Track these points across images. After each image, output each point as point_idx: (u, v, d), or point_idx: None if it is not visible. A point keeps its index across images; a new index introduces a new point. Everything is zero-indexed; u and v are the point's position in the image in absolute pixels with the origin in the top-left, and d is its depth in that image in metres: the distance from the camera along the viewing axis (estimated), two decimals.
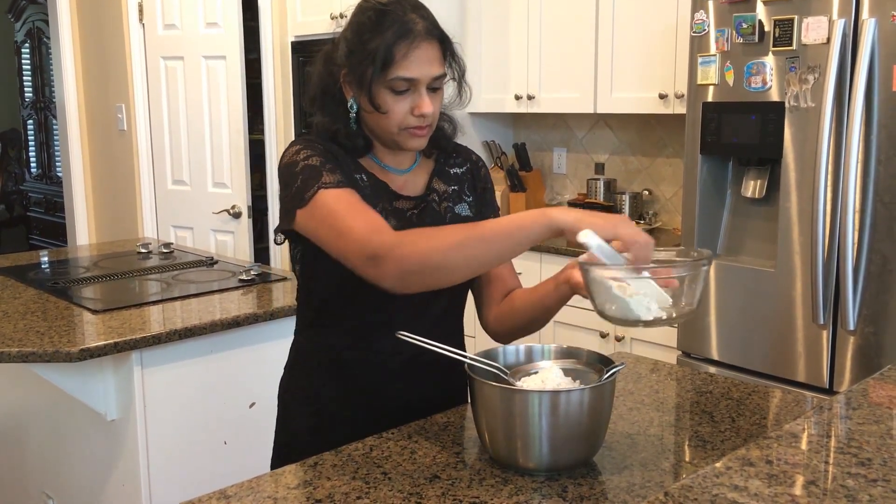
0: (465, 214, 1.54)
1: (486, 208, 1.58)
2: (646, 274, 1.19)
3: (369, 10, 1.38)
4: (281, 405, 1.59)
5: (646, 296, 1.19)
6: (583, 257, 1.23)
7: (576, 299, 1.37)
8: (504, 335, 1.54)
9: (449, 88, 1.48)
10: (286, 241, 1.47)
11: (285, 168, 1.40)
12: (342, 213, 1.31)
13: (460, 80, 1.47)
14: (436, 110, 1.41)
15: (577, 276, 1.32)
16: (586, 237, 1.16)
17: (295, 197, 1.36)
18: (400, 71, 1.35)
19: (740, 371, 2.57)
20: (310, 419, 1.52)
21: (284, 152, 1.43)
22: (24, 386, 2.50)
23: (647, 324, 1.21)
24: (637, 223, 3.49)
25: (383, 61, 1.34)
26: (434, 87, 1.40)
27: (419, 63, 1.36)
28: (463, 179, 1.56)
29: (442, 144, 1.54)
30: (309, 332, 1.53)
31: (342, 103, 1.44)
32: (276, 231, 1.46)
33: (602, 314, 1.23)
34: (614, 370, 1.23)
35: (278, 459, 1.52)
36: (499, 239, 1.21)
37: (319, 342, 1.50)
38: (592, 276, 1.21)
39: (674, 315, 1.21)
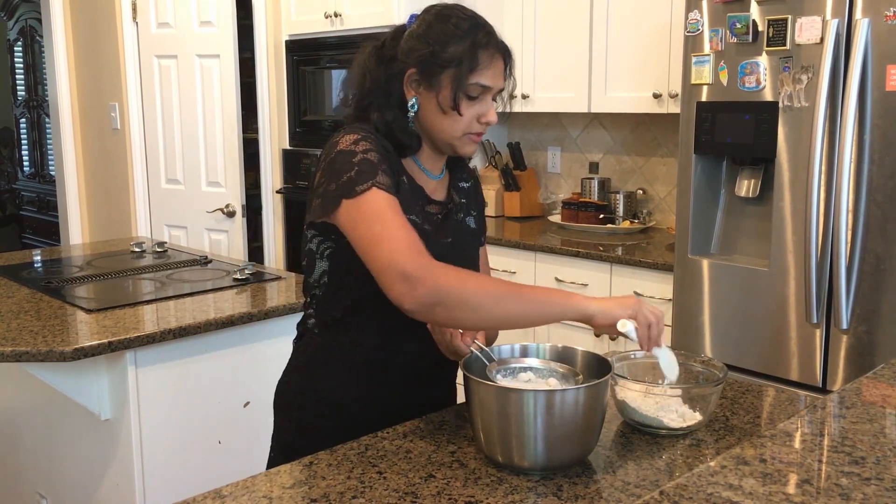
0: (473, 227, 1.57)
1: (482, 225, 1.62)
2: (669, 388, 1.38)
3: (452, 17, 1.40)
4: (293, 407, 1.51)
5: (664, 405, 1.38)
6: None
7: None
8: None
9: None
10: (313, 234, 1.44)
11: (340, 155, 1.34)
12: (389, 219, 1.28)
13: (507, 97, 1.50)
14: None
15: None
16: (625, 327, 1.29)
17: (345, 186, 1.31)
18: (481, 78, 1.38)
19: (734, 370, 2.57)
20: (329, 420, 1.47)
21: (339, 139, 1.37)
22: (17, 386, 2.50)
23: (670, 430, 1.37)
24: (631, 222, 3.50)
25: (469, 67, 1.36)
26: (493, 99, 1.44)
27: (495, 73, 1.40)
28: (470, 194, 1.59)
29: (460, 162, 1.58)
30: (332, 331, 1.47)
31: (400, 102, 1.43)
32: (307, 222, 1.43)
33: (621, 410, 1.42)
34: (586, 386, 1.22)
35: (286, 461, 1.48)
36: (532, 304, 1.26)
37: (345, 342, 1.45)
38: (619, 391, 1.40)
39: (686, 425, 1.37)
